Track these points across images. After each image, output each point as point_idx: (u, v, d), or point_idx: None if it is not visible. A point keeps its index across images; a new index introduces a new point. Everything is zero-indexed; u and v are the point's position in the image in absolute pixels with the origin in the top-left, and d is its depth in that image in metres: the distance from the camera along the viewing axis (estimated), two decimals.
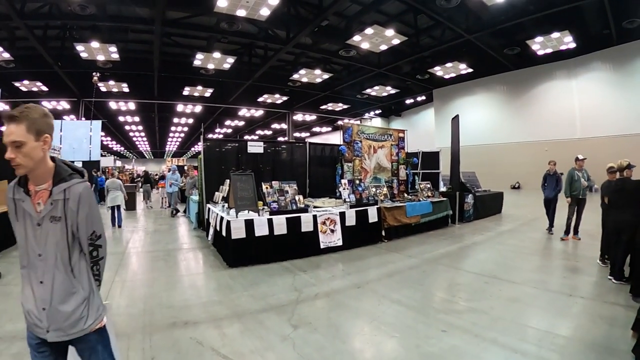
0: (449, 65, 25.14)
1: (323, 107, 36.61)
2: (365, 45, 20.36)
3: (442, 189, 14.06)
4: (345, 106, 36.35)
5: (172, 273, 7.10)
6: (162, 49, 21.04)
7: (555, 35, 20.27)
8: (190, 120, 40.10)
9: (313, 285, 6.24)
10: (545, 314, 4.99)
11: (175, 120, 40.07)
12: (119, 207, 12.98)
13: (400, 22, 19.37)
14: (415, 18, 19.24)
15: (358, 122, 35.60)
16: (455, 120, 13.15)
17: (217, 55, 21.19)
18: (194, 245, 9.84)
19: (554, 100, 25.99)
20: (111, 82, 24.85)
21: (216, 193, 10.24)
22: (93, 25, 17.98)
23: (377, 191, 10.54)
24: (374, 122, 41.10)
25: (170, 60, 23.26)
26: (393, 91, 31.62)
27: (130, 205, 17.73)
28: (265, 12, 15.91)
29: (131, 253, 9.01)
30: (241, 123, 44.22)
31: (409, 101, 36.36)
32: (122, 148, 67.23)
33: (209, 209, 9.94)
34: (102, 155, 35.35)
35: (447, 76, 27.48)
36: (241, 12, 15.87)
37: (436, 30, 20.68)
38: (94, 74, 20.53)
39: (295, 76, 25.87)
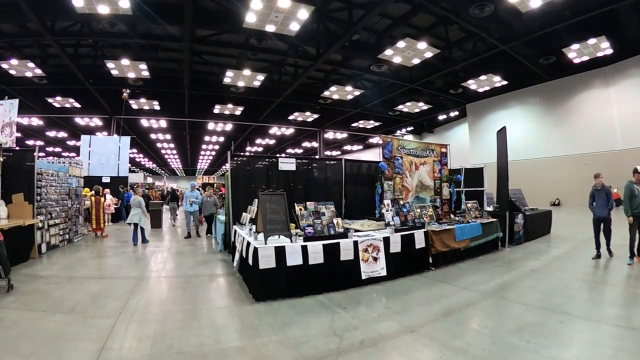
0: (482, 78, 23.94)
1: (354, 124, 35.63)
2: (397, 60, 19.41)
3: (488, 208, 12.68)
4: (377, 123, 35.27)
5: (190, 306, 5.98)
6: (192, 67, 20.64)
7: (592, 41, 18.98)
8: (221, 139, 39.76)
9: (356, 328, 5.02)
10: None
11: (207, 138, 39.78)
12: (138, 225, 12.24)
13: (431, 35, 18.40)
14: (447, 30, 18.22)
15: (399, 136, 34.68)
16: (502, 132, 11.80)
17: (247, 72, 20.64)
18: (218, 272, 8.73)
19: (591, 110, 24.37)
20: (142, 100, 24.59)
21: (244, 214, 9.30)
22: (123, 43, 17.74)
23: (422, 212, 9.24)
24: (406, 138, 39.79)
25: (200, 78, 22.86)
26: (425, 107, 30.31)
27: (156, 223, 16.94)
28: (294, 26, 15.18)
29: (147, 278, 8.04)
30: (272, 141, 43.62)
31: (441, 117, 34.86)
32: (154, 165, 67.59)
33: (235, 231, 8.92)
34: (131, 171, 35.19)
35: (480, 90, 26.17)
36: (270, 28, 15.20)
37: (468, 42, 19.65)
38: (123, 90, 20.22)
39: (326, 93, 25.14)
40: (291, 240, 6.63)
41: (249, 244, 6.72)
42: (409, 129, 37.94)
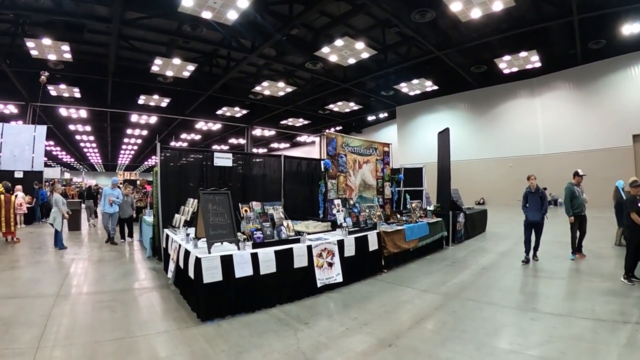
0: (415, 81, 24.17)
1: (283, 122, 34.72)
2: (333, 58, 18.92)
3: (429, 208, 12.43)
4: (306, 122, 34.69)
5: (123, 332, 4.68)
6: (118, 52, 18.67)
7: (523, 54, 19.87)
8: (145, 132, 37.01)
9: (326, 347, 4.25)
10: (624, 350, 4.05)
11: (129, 131, 36.86)
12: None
13: (368, 37, 18.14)
14: (384, 33, 18.11)
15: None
16: (445, 133, 11.55)
17: (176, 61, 19.02)
18: (150, 284, 7.24)
19: (517, 118, 25.80)
20: (62, 86, 21.88)
21: (176, 215, 7.86)
22: (47, 21, 15.47)
23: (371, 212, 8.62)
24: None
25: (126, 65, 20.71)
26: (356, 107, 30.25)
27: (74, 224, 14.50)
28: (232, 15, 14.09)
29: (67, 295, 6.38)
30: (198, 137, 41.29)
31: (370, 118, 35.04)
32: (72, 159, 61.93)
33: (167, 236, 7.55)
34: (47, 165, 31.76)
35: (412, 93, 26.46)
36: (207, 14, 13.95)
37: (404, 46, 19.76)
38: (41, 72, 17.60)
39: (258, 88, 24.15)
40: (238, 247, 5.56)
41: (187, 252, 5.60)
42: (337, 128, 37.65)
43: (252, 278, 5.38)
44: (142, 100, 25.34)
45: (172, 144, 40.07)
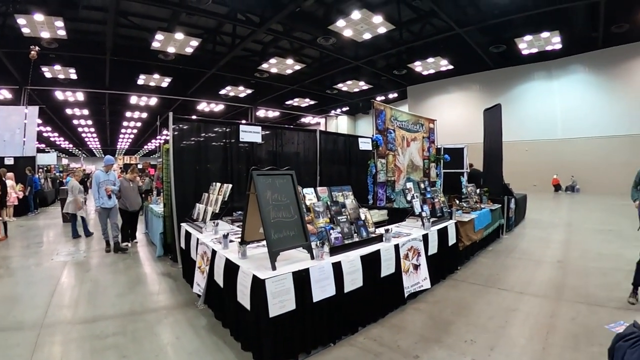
0: (430, 60, 22.43)
1: (288, 102, 32.64)
2: (348, 33, 17.15)
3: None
4: (312, 102, 32.68)
5: None
6: (116, 30, 16.65)
7: (545, 34, 18.51)
8: (144, 115, 34.64)
9: None
10: None
11: (128, 114, 34.50)
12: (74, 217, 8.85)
13: (386, 11, 16.16)
14: (399, 8, 16.32)
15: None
16: (495, 110, 10.00)
17: (179, 36, 16.99)
18: (169, 301, 5.12)
19: (533, 101, 24.21)
20: (57, 67, 19.82)
21: (198, 205, 6.06)
22: None
23: (439, 199, 7.02)
24: (340, 119, 37.77)
25: (125, 44, 18.59)
26: (366, 87, 28.29)
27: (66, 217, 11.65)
28: None
29: (54, 326, 4.25)
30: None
31: (379, 98, 33.02)
32: (71, 145, 59.37)
33: (186, 232, 5.68)
34: (41, 151, 29.75)
35: (425, 72, 24.67)
36: None
37: (421, 22, 17.91)
38: (31, 47, 15.48)
39: (264, 66, 22.12)
40: (312, 255, 3.78)
41: (231, 265, 3.80)
42: (344, 109, 35.88)
43: (334, 299, 3.69)
44: (141, 80, 23.30)
45: (173, 126, 38.11)
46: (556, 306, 4.67)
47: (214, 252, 4.31)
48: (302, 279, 3.46)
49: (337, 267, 3.75)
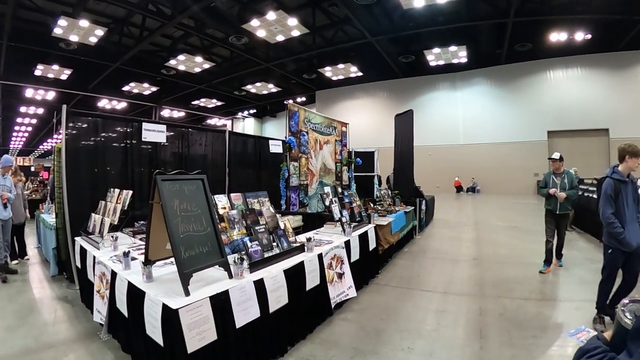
0: (340, 66, 22.86)
1: (195, 102, 31.07)
2: (261, 33, 16.75)
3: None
4: (219, 103, 31.46)
5: None
6: (16, 12, 14.26)
7: (453, 48, 19.74)
8: (40, 110, 30.70)
9: None
10: None
11: (23, 109, 30.38)
12: None
13: (301, 15, 16.12)
14: (315, 12, 16.27)
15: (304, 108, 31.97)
16: (407, 116, 10.17)
17: (84, 23, 15.08)
18: (68, 332, 4.07)
19: (438, 109, 26.06)
20: None
21: (93, 215, 5.11)
22: None
23: (356, 203, 6.79)
24: (247, 122, 36.90)
25: (24, 28, 15.94)
26: (275, 89, 27.88)
27: None
28: None
29: None
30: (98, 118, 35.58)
31: (287, 102, 32.71)
32: None
33: (81, 248, 4.77)
34: None
35: (335, 78, 25.12)
36: None
37: (334, 28, 18.17)
38: None
39: (172, 62, 20.79)
40: (230, 274, 3.20)
41: (136, 292, 3.07)
42: (251, 111, 34.97)
43: (259, 320, 3.18)
44: (39, 70, 20.34)
45: (71, 124, 34.43)
46: (482, 303, 4.72)
47: (113, 274, 3.53)
48: (221, 303, 2.89)
49: (260, 285, 3.25)
